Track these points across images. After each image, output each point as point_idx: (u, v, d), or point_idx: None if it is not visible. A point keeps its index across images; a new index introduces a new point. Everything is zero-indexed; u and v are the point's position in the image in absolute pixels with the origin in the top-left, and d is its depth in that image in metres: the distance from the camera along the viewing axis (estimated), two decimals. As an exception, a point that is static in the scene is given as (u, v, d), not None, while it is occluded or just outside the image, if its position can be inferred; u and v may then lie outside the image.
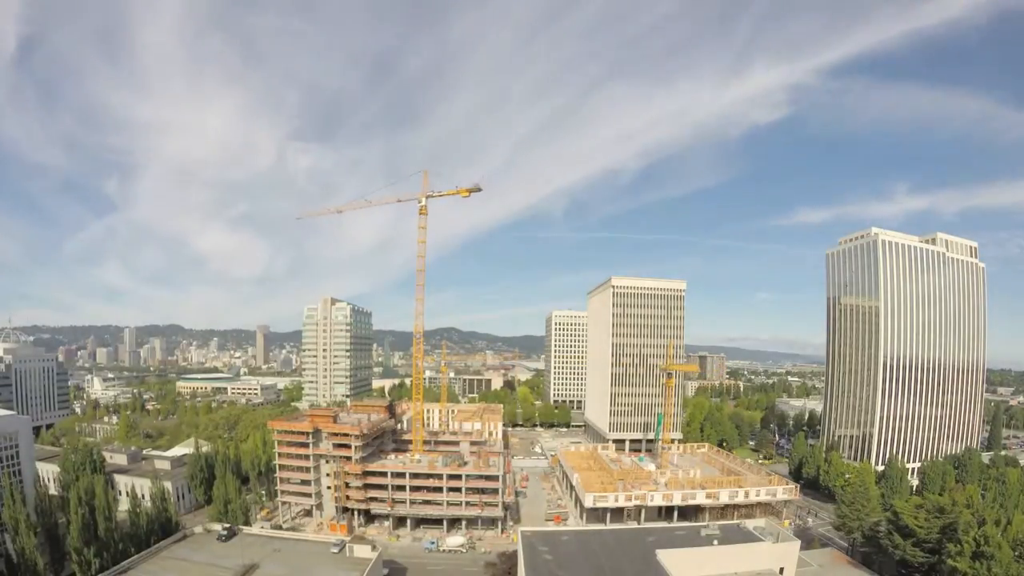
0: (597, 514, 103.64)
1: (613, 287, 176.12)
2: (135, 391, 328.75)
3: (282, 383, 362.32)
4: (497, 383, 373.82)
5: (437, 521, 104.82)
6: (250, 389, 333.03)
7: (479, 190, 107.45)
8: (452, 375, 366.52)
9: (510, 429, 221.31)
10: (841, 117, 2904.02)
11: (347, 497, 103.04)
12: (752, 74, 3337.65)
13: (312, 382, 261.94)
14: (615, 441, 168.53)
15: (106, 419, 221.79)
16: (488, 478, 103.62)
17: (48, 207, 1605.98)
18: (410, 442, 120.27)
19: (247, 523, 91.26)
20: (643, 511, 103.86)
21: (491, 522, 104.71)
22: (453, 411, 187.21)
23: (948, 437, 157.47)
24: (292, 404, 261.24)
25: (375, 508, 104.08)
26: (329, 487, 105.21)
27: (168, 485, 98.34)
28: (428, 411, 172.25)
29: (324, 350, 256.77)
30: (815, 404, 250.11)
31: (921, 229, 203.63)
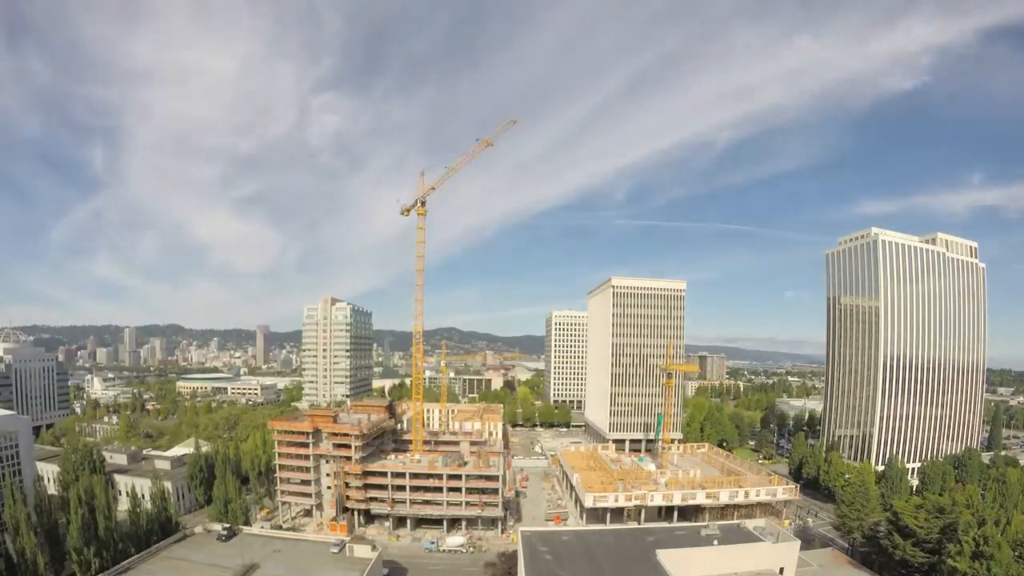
0: (597, 514, 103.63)
1: (613, 287, 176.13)
2: (135, 391, 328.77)
3: (282, 383, 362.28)
4: (497, 383, 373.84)
5: (437, 521, 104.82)
6: (250, 389, 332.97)
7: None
8: (452, 375, 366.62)
9: (510, 429, 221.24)
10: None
11: (347, 497, 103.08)
12: (905, 25, 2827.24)
13: (312, 382, 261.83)
14: (615, 441, 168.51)
15: (106, 419, 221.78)
16: (488, 478, 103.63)
17: (25, 186, 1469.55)
18: (410, 442, 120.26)
19: (247, 523, 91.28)
20: (643, 511, 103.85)
21: (491, 522, 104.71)
22: (453, 411, 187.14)
23: (948, 437, 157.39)
24: (292, 404, 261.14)
25: (375, 508, 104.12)
26: (329, 487, 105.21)
27: (168, 485, 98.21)
28: (428, 411, 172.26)
29: (324, 350, 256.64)
30: (815, 404, 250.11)
31: (924, 229, 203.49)
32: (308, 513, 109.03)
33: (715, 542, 68.06)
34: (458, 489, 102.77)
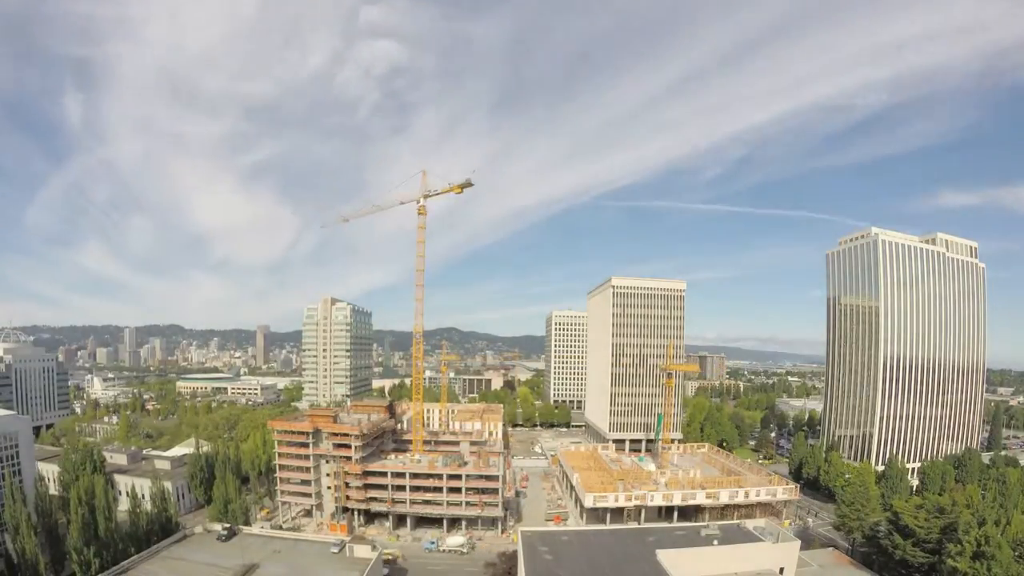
0: (597, 514, 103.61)
1: (613, 287, 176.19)
2: (135, 391, 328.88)
3: (282, 383, 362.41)
4: (497, 383, 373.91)
5: (437, 521, 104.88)
6: (250, 389, 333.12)
7: (470, 185, 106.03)
8: (452, 375, 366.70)
9: (510, 429, 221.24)
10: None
11: (347, 497, 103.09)
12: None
13: (312, 382, 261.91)
14: (615, 441, 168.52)
15: (106, 419, 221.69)
16: (488, 478, 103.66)
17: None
18: (410, 442, 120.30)
19: (247, 523, 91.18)
20: (643, 511, 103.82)
21: (491, 522, 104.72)
22: (453, 411, 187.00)
23: (948, 437, 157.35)
24: (292, 404, 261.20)
25: (375, 508, 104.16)
26: (329, 487, 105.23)
27: (168, 485, 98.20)
28: (428, 411, 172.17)
29: (324, 350, 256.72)
30: (815, 404, 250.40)
31: (921, 229, 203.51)
32: (308, 513, 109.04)
33: (715, 542, 68.04)
34: (458, 489, 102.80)
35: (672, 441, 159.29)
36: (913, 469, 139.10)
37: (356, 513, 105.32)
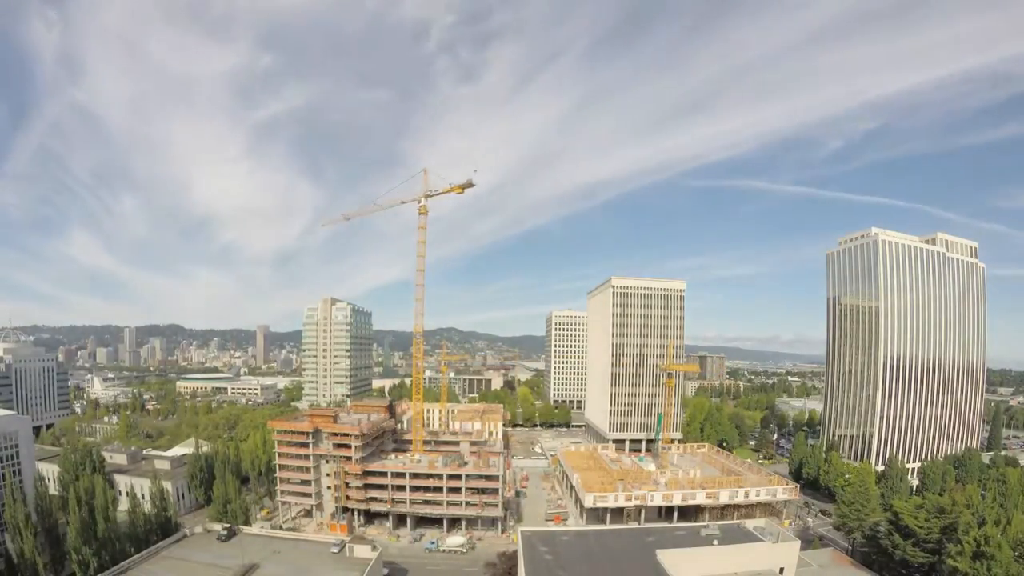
0: (597, 514, 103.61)
1: (613, 287, 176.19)
2: (135, 391, 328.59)
3: (282, 383, 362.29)
4: (497, 383, 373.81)
5: (437, 521, 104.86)
6: (250, 389, 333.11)
7: (471, 185, 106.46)
8: (452, 375, 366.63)
9: (510, 429, 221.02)
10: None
11: (347, 497, 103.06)
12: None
13: (312, 382, 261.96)
14: (615, 441, 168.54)
15: (106, 419, 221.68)
16: (488, 478, 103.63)
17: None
18: (410, 442, 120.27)
19: (247, 523, 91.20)
20: (643, 511, 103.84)
21: (491, 522, 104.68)
22: (453, 411, 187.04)
23: (948, 437, 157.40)
24: (292, 404, 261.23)
25: (375, 508, 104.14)
26: (329, 487, 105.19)
27: (168, 485, 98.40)
28: (428, 411, 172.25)
29: (324, 350, 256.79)
30: (815, 404, 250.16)
31: (921, 229, 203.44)
32: (308, 513, 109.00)
33: (715, 542, 67.97)
34: (458, 489, 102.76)
35: (672, 441, 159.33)
36: (913, 469, 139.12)
37: (356, 513, 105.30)
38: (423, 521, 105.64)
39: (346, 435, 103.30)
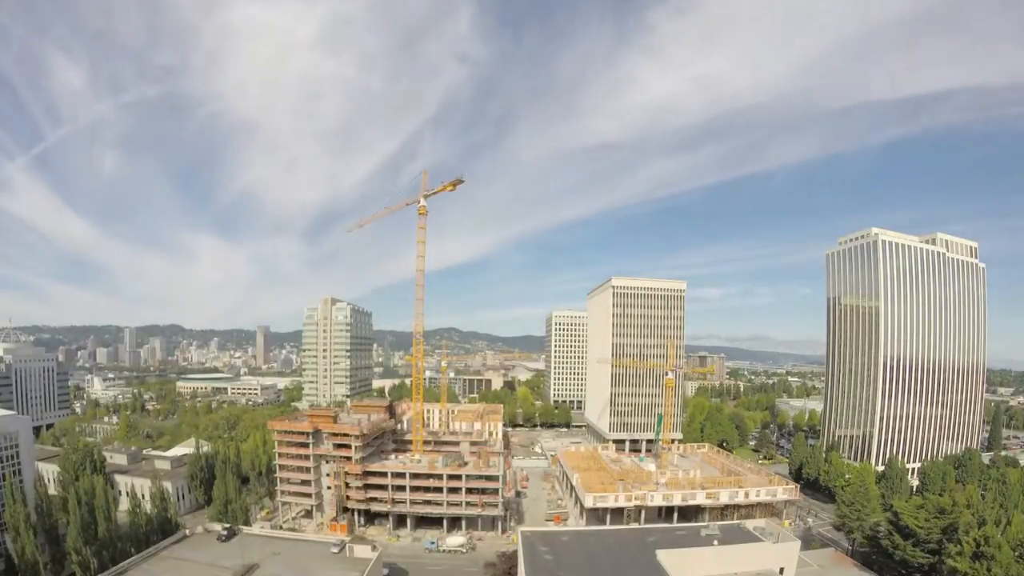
0: (597, 514, 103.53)
1: (613, 287, 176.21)
2: (135, 391, 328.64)
3: (282, 383, 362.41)
4: (497, 383, 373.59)
5: (437, 521, 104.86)
6: (250, 389, 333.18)
7: (462, 182, 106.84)
8: (452, 375, 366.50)
9: (510, 429, 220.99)
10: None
11: (347, 497, 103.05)
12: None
13: (312, 382, 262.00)
14: (615, 441, 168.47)
15: (106, 419, 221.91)
16: (488, 478, 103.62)
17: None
18: (410, 442, 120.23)
19: (247, 523, 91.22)
20: (643, 511, 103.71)
21: (491, 522, 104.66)
22: (453, 411, 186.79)
23: (948, 437, 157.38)
24: (292, 404, 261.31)
25: (375, 508, 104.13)
26: (329, 487, 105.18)
27: (168, 485, 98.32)
28: (428, 411, 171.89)
29: (324, 350, 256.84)
30: (815, 404, 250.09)
31: (921, 229, 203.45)
32: (308, 514, 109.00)
33: (715, 542, 68.00)
34: (458, 489, 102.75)
35: (672, 441, 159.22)
36: (913, 469, 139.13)
37: (356, 513, 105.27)
38: (423, 521, 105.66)
39: (346, 435, 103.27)
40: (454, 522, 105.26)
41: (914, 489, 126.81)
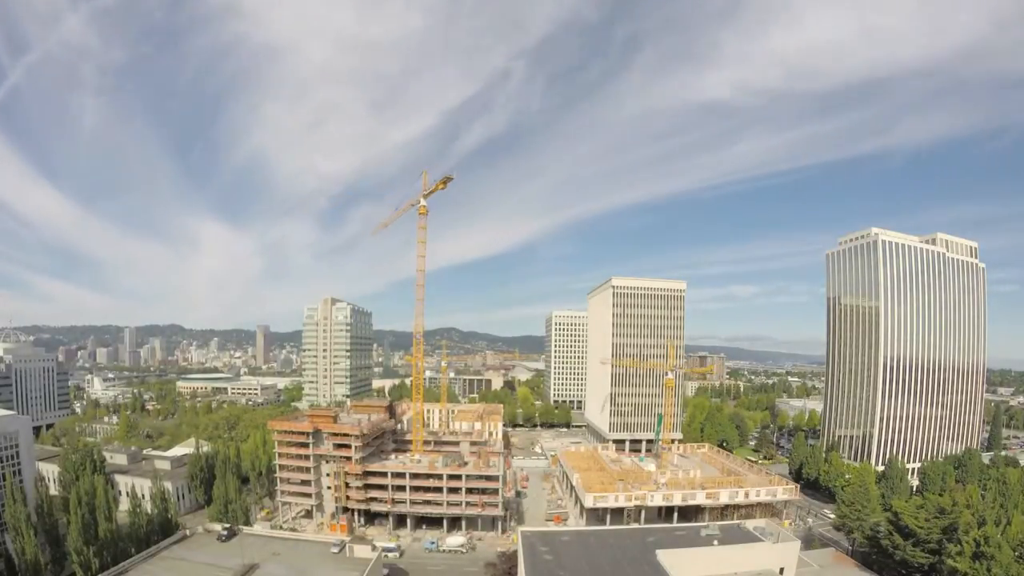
0: (597, 514, 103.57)
1: (613, 287, 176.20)
2: (135, 391, 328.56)
3: (282, 383, 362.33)
4: (497, 383, 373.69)
5: (437, 521, 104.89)
6: (250, 389, 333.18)
7: (451, 179, 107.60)
8: (452, 375, 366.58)
9: (510, 429, 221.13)
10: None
11: (347, 497, 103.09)
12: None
13: (312, 382, 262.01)
14: (615, 441, 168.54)
15: (106, 419, 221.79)
16: (488, 478, 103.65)
17: None
18: (410, 442, 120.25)
19: (247, 523, 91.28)
20: (643, 511, 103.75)
21: (491, 522, 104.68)
22: (453, 411, 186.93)
23: (948, 437, 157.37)
24: (292, 404, 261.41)
25: (375, 508, 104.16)
26: (329, 487, 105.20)
27: (168, 485, 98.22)
28: (428, 411, 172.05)
29: (324, 350, 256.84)
30: (815, 404, 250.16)
31: (921, 229, 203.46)
32: (308, 514, 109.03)
33: (715, 542, 68.07)
34: (458, 489, 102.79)
35: (672, 441, 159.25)
36: (913, 469, 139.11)
37: (356, 513, 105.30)
38: (423, 521, 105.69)
39: (346, 435, 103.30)
40: (454, 522, 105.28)
41: (914, 489, 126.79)
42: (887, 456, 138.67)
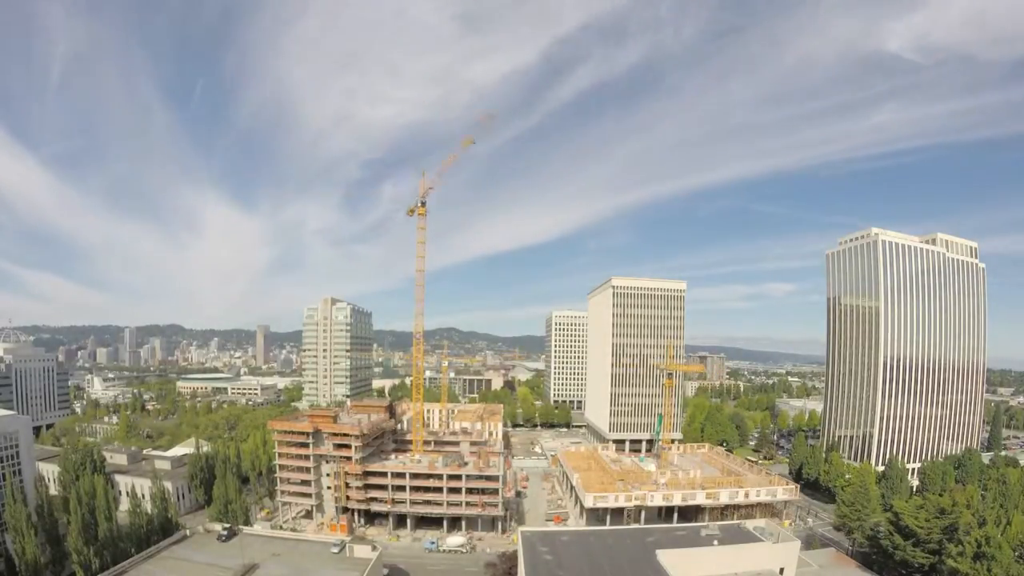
0: (597, 514, 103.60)
1: (613, 287, 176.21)
2: (135, 391, 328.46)
3: (282, 383, 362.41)
4: (497, 383, 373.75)
5: (437, 521, 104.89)
6: (250, 389, 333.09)
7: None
8: (452, 375, 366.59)
9: (510, 429, 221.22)
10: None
11: (347, 497, 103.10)
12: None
13: (312, 382, 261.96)
14: (615, 441, 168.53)
15: (106, 419, 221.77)
16: (488, 478, 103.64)
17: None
18: (410, 442, 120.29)
19: (247, 523, 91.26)
20: (643, 511, 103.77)
21: (491, 522, 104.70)
22: (453, 411, 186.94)
23: (948, 437, 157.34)
24: (292, 404, 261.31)
25: (375, 508, 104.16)
26: (329, 487, 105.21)
27: (168, 485, 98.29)
28: (428, 411, 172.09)
29: (324, 350, 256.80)
30: (815, 404, 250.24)
31: (921, 229, 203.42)
32: (308, 514, 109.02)
33: (715, 542, 68.02)
34: (458, 489, 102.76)
35: (672, 441, 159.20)
36: (913, 469, 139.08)
37: (356, 513, 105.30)
38: (423, 521, 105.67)
39: (346, 435, 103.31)
40: (454, 522, 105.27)
41: (914, 489, 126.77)
42: (887, 456, 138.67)
